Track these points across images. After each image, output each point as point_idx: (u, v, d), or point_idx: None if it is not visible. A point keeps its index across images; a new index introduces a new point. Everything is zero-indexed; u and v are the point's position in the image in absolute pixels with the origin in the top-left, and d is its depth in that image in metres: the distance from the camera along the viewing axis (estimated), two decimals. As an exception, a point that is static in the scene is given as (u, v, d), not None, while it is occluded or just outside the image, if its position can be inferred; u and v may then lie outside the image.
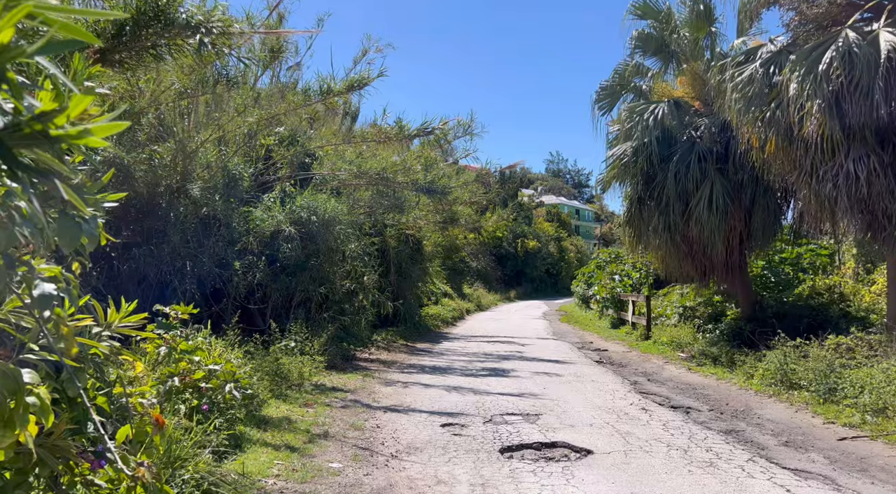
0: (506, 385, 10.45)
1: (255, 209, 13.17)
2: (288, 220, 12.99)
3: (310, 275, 13.45)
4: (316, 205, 13.25)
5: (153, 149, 11.31)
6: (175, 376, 5.90)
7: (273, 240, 13.03)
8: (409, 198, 15.52)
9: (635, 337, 18.26)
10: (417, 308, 20.84)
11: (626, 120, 14.52)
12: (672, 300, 20.30)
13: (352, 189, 15.20)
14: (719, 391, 10.23)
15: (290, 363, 10.04)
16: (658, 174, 14.13)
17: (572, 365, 13.18)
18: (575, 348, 16.55)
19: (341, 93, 11.73)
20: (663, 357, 14.37)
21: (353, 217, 14.70)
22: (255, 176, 14.23)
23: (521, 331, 21.55)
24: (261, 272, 12.55)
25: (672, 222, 13.98)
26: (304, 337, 11.55)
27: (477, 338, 19.03)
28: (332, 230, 13.62)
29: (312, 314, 13.70)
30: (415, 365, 12.90)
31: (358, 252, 15.28)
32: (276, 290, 13.02)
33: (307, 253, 13.38)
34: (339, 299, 14.98)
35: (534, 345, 16.93)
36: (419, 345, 16.56)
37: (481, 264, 48.74)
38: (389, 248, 17.90)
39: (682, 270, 15.39)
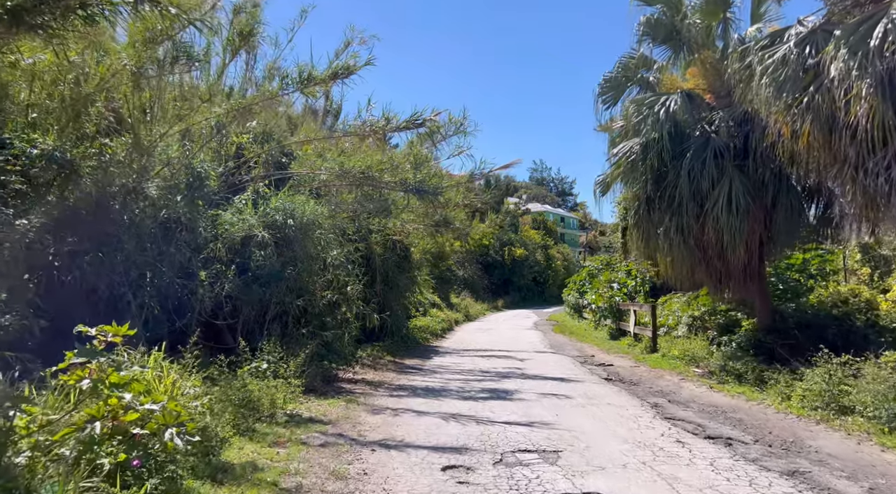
0: (511, 410, 9.09)
1: (224, 212, 11.76)
2: (261, 224, 11.59)
3: (286, 286, 12.05)
4: (293, 206, 11.86)
5: (104, 143, 9.89)
6: (98, 420, 4.49)
7: (244, 247, 11.61)
8: (398, 200, 14.17)
9: (640, 350, 16.98)
10: (405, 320, 19.43)
11: (633, 113, 13.28)
12: (673, 309, 19.13)
13: (333, 191, 13.82)
14: (754, 415, 8.93)
15: (261, 389, 8.61)
16: (669, 172, 12.88)
17: (580, 383, 11.85)
18: (577, 363, 15.24)
19: (324, 81, 10.38)
20: (677, 373, 13.08)
21: (335, 221, 13.32)
22: (225, 176, 12.82)
23: (516, 344, 20.21)
24: (230, 282, 11.15)
25: (685, 224, 12.74)
26: (279, 357, 10.13)
27: (470, 353, 17.65)
28: (312, 235, 12.24)
29: (289, 329, 12.27)
30: (405, 386, 11.49)
31: (340, 259, 13.89)
32: (248, 303, 11.60)
33: (283, 260, 11.98)
34: (320, 312, 13.57)
35: (532, 360, 15.59)
36: (408, 362, 15.15)
37: (468, 273, 47.55)
38: (375, 256, 16.51)
39: (694, 277, 14.14)
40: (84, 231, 9.91)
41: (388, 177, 12.55)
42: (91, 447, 4.42)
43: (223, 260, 11.32)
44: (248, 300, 11.59)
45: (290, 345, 11.74)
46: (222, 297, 11.10)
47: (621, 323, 21.35)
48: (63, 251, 9.53)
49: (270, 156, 13.48)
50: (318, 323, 13.46)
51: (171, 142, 10.88)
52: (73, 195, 10.03)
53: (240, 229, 11.41)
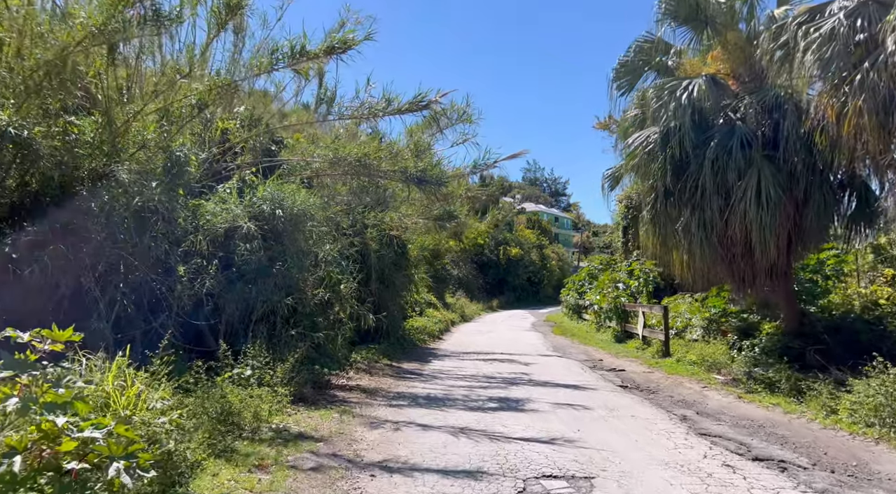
0: (526, 424, 8.07)
1: (206, 202, 10.71)
2: (247, 215, 10.54)
3: (274, 283, 10.99)
4: (282, 196, 10.82)
5: (69, 121, 8.82)
6: (19, 453, 3.44)
7: (228, 240, 10.57)
8: (396, 191, 13.13)
9: (651, 354, 16.00)
10: (401, 321, 18.38)
11: (653, 99, 12.27)
12: (680, 311, 18.20)
13: (327, 181, 12.78)
14: (799, 432, 7.95)
15: (243, 399, 7.56)
16: (691, 163, 11.89)
17: (595, 391, 10.85)
18: (586, 367, 14.24)
19: (317, 56, 9.32)
20: (697, 380, 12.10)
21: (329, 213, 12.27)
22: (209, 162, 11.75)
23: (517, 347, 19.20)
24: (212, 279, 10.10)
25: (708, 219, 11.76)
26: (265, 362, 9.09)
27: (470, 356, 16.63)
28: (303, 228, 11.19)
29: (277, 330, 11.20)
30: (404, 394, 10.46)
31: (334, 255, 12.86)
32: (232, 301, 10.54)
33: (271, 255, 10.93)
34: (311, 312, 12.50)
35: (538, 365, 14.58)
36: (406, 366, 14.12)
37: (463, 272, 46.55)
38: (370, 252, 15.45)
39: (714, 276, 13.21)
40: (46, 219, 8.84)
41: (386, 166, 11.51)
42: (11, 488, 3.37)
43: (204, 255, 10.26)
44: (231, 298, 10.54)
45: (278, 348, 10.69)
46: (203, 295, 10.06)
47: (627, 325, 20.39)
48: (22, 241, 8.49)
49: (258, 143, 12.42)
50: (309, 323, 12.40)
51: (148, 122, 9.81)
52: (34, 179, 8.98)
53: (223, 220, 10.35)
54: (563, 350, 18.29)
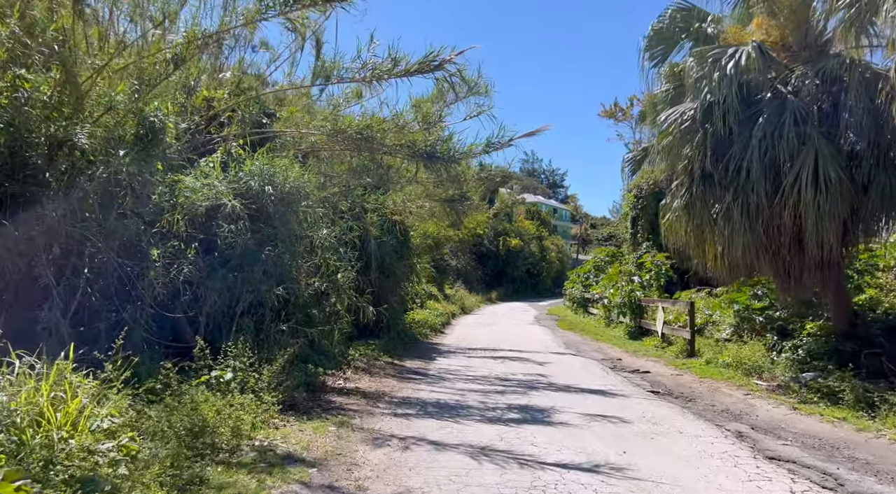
0: (560, 442, 6.76)
1: (185, 176, 9.33)
2: (231, 192, 9.17)
3: (263, 270, 9.65)
4: (272, 171, 9.44)
5: (19, 75, 7.44)
6: None
7: (210, 220, 9.20)
8: (402, 170, 11.76)
9: (673, 353, 14.72)
10: (402, 313, 17.06)
11: (693, 69, 10.90)
12: (698, 306, 16.91)
13: (324, 155, 11.41)
14: (885, 456, 6.66)
15: (221, 409, 6.23)
16: (735, 142, 10.56)
17: (626, 398, 9.55)
18: (607, 368, 12.95)
19: (314, 3, 7.91)
20: (735, 385, 10.82)
21: (326, 193, 10.91)
22: (191, 133, 10.39)
23: (526, 342, 17.91)
24: (191, 264, 8.79)
25: (753, 205, 10.44)
26: (249, 363, 7.75)
27: (477, 352, 15.33)
28: (296, 208, 9.83)
29: (266, 324, 9.86)
30: (410, 400, 9.14)
31: (331, 240, 11.50)
32: (214, 291, 9.20)
33: (259, 239, 9.59)
34: (305, 303, 11.17)
35: (554, 365, 13.28)
36: (409, 364, 12.80)
37: (461, 262, 45.27)
38: (370, 238, 14.09)
39: (753, 269, 11.90)
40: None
41: (391, 140, 10.14)
42: None
43: (182, 237, 8.92)
44: (213, 287, 9.20)
45: (266, 346, 9.37)
46: (180, 283, 8.72)
47: (642, 320, 19.12)
48: (-42, 217, 7.18)
49: (247, 114, 11.02)
50: (303, 317, 11.07)
51: (116, 80, 8.43)
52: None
53: (204, 197, 8.98)
54: (575, 347, 17.00)
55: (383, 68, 8.80)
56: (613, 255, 32.56)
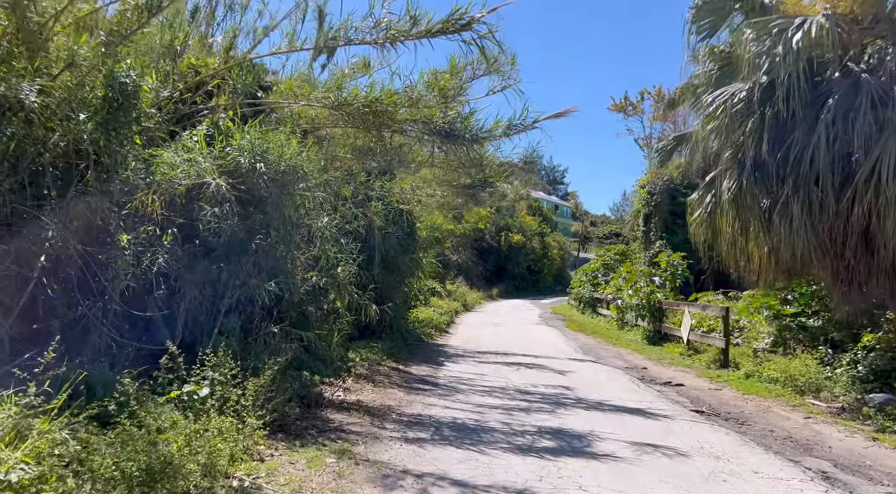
0: (612, 486, 5.42)
1: (165, 150, 7.97)
2: (217, 170, 7.80)
3: (253, 262, 8.32)
4: (266, 146, 8.07)
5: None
6: None
7: (190, 202, 7.83)
8: (413, 152, 10.38)
9: (704, 363, 13.40)
10: (406, 311, 15.73)
11: (753, 43, 9.54)
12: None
13: (326, 136, 10.04)
14: None
15: (191, 439, 4.89)
16: (797, 127, 9.23)
17: (670, 421, 8.23)
18: (635, 379, 11.63)
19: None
20: (788, 405, 9.51)
21: (328, 176, 9.55)
22: (173, 102, 9.02)
23: (537, 345, 16.60)
24: (167, 253, 7.44)
25: (817, 200, 9.14)
26: (232, 374, 6.40)
27: (487, 356, 14.01)
28: (292, 191, 8.46)
29: (255, 324, 8.52)
30: (422, 418, 7.79)
31: (331, 230, 10.16)
32: (194, 285, 7.87)
33: (249, 226, 8.24)
34: (300, 300, 9.82)
35: (575, 373, 11.96)
36: (415, 370, 11.46)
37: (462, 258, 44.01)
38: (374, 229, 12.74)
39: (807, 271, 10.61)
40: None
41: (403, 114, 8.77)
42: None
43: (158, 221, 7.57)
44: (194, 280, 7.87)
45: (255, 350, 8.03)
46: (153, 274, 7.37)
47: (661, 324, 17.80)
48: None
49: (239, 82, 9.65)
50: (298, 315, 9.73)
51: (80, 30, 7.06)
52: None
53: (184, 174, 7.61)
54: (593, 352, 15.66)
55: (400, 28, 7.42)
56: (624, 254, 31.27)
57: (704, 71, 11.68)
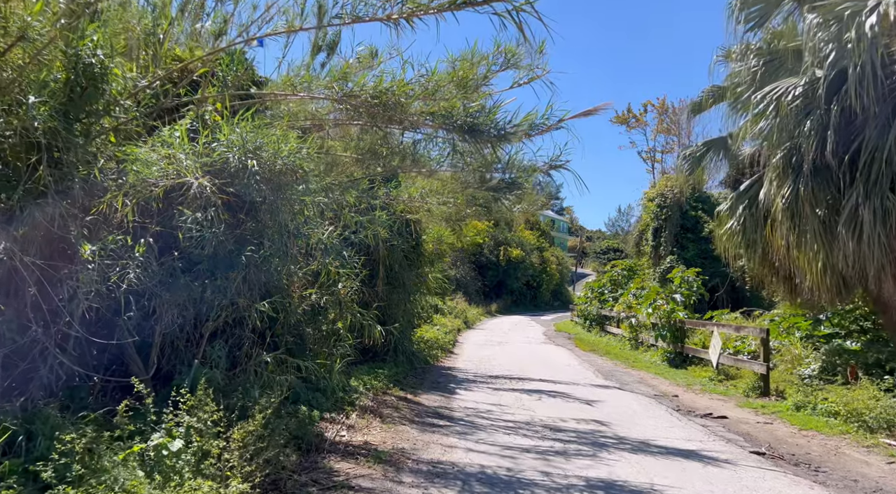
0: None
1: (140, 146, 6.76)
2: (201, 168, 6.56)
3: (243, 278, 7.05)
4: (260, 143, 6.84)
5: None
6: None
7: (169, 207, 6.59)
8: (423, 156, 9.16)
9: (741, 391, 12.16)
10: (410, 331, 14.45)
11: (817, 28, 8.40)
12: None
13: (328, 135, 8.84)
14: None
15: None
16: (868, 125, 8.09)
17: (734, 468, 6.97)
18: (670, 410, 10.38)
19: None
20: (858, 444, 8.28)
21: (330, 179, 8.34)
22: (155, 93, 7.83)
23: (551, 368, 15.37)
24: (140, 267, 6.21)
25: (892, 207, 7.97)
26: (213, 421, 5.12)
27: (500, 381, 12.75)
28: (290, 195, 7.23)
29: (244, 351, 7.25)
30: (443, 467, 6.49)
31: (332, 242, 8.92)
32: (172, 305, 6.61)
33: (239, 235, 7.01)
34: (298, 322, 8.58)
35: (603, 403, 10.69)
36: (426, 400, 10.18)
37: (460, 273, 42.78)
38: (379, 241, 11.48)
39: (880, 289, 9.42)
40: None
41: (418, 107, 7.57)
42: None
43: (129, 228, 6.35)
44: (172, 300, 6.60)
45: (243, 384, 6.75)
46: (122, 294, 6.13)
47: (683, 346, 16.56)
48: None
49: (229, 72, 8.44)
50: (294, 339, 8.49)
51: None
52: None
53: (161, 173, 6.38)
54: (614, 377, 14.39)
55: (418, 1, 6.23)
56: (632, 269, 30.11)
57: (746, 67, 10.55)
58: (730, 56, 13.00)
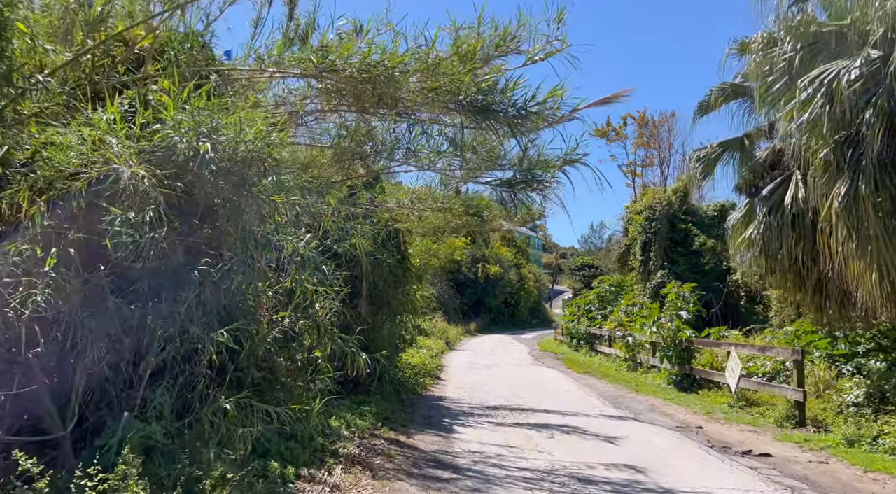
0: None
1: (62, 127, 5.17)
2: (137, 155, 4.99)
3: (197, 299, 5.50)
4: (218, 123, 5.29)
5: None
6: None
7: (94, 207, 5.00)
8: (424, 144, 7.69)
9: (773, 421, 10.77)
10: (396, 356, 12.85)
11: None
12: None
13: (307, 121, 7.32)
14: None
15: None
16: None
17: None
18: (703, 446, 8.94)
19: None
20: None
21: (309, 177, 6.81)
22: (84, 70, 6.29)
23: (550, 394, 13.95)
24: (50, 287, 4.59)
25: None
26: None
27: (501, 413, 11.23)
28: (256, 193, 5.68)
29: (198, 393, 5.65)
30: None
31: (309, 254, 7.40)
32: (101, 336, 5.01)
33: (190, 244, 5.47)
34: (267, 352, 6.97)
35: (627, 441, 9.21)
36: (422, 442, 8.59)
37: (438, 291, 41.23)
38: (361, 255, 9.95)
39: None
40: None
41: (415, 83, 6.11)
42: None
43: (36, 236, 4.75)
44: (99, 329, 5.00)
45: (192, 442, 5.15)
46: (25, 321, 4.53)
47: (690, 368, 15.18)
48: None
49: (182, 51, 6.91)
50: (264, 372, 6.88)
51: None
52: None
53: (81, 160, 4.80)
54: (622, 404, 12.94)
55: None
56: (620, 285, 28.85)
57: (781, 53, 9.29)
58: (746, 48, 11.82)
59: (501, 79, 6.53)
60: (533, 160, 7.90)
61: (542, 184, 8.04)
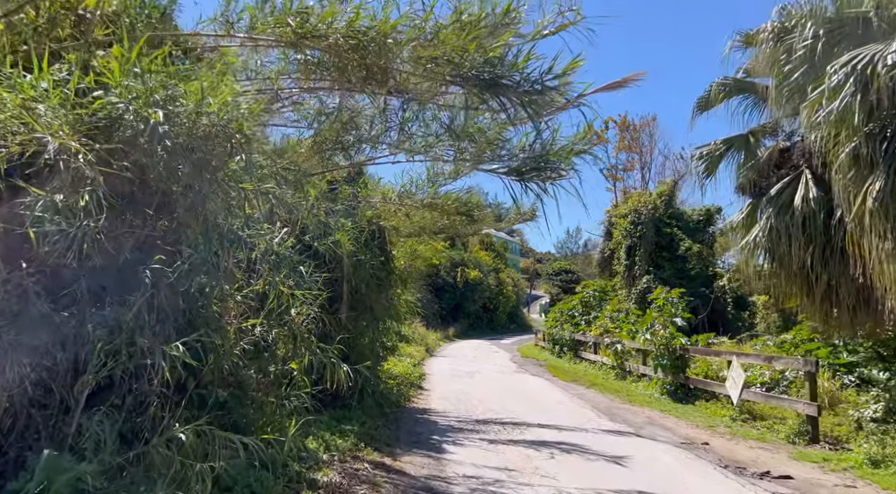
0: None
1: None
2: (70, 126, 4.02)
3: (149, 305, 4.52)
4: (176, 91, 4.35)
5: None
6: None
7: (15, 190, 4.03)
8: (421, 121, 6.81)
9: (784, 437, 10.04)
10: (378, 366, 11.90)
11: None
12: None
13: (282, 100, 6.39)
14: None
15: None
16: None
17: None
18: (718, 468, 8.15)
19: None
20: None
21: (287, 160, 5.88)
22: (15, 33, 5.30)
23: (540, 405, 13.15)
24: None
25: None
26: None
27: (493, 427, 10.36)
28: (222, 179, 4.74)
29: (149, 417, 4.69)
30: None
31: (285, 252, 6.47)
32: (24, 350, 4.01)
33: (141, 237, 4.48)
34: (234, 365, 6.01)
35: (632, 460, 8.38)
36: (410, 466, 7.66)
37: (416, 295, 40.29)
38: (343, 256, 9.02)
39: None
40: None
41: (410, 53, 5.24)
42: None
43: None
44: (21, 342, 4.03)
45: (139, 481, 4.20)
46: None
47: (685, 377, 14.44)
48: None
49: (140, 18, 5.95)
50: (232, 389, 5.93)
51: None
52: None
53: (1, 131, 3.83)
54: (619, 417, 12.13)
55: None
56: (604, 290, 28.20)
57: (800, 38, 8.58)
58: (752, 40, 11.14)
59: (509, 52, 5.67)
60: (546, 144, 7.01)
61: (557, 173, 7.15)
